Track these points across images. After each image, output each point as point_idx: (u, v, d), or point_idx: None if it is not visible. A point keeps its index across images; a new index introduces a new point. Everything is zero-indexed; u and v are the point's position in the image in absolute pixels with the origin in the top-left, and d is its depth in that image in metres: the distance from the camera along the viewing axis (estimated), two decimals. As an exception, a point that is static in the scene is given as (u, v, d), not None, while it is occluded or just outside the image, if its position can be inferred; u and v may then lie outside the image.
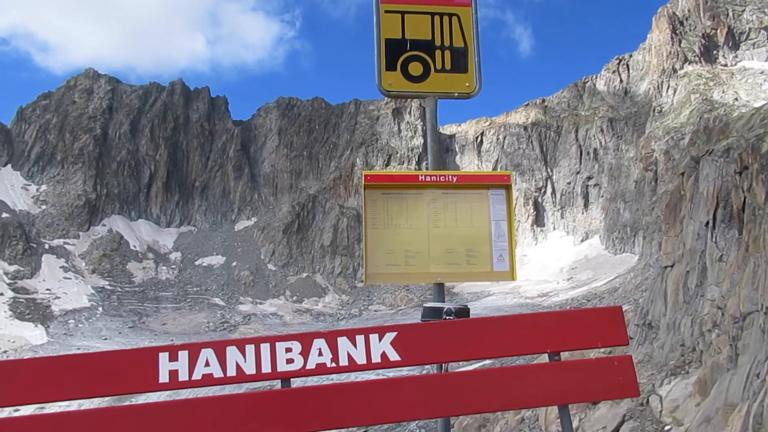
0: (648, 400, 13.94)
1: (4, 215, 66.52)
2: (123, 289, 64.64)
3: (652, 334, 17.16)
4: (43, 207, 70.00)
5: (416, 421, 20.25)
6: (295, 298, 65.48)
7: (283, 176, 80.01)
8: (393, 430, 20.59)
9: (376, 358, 2.51)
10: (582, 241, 66.75)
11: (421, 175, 3.21)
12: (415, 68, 3.42)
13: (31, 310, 57.34)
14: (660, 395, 13.72)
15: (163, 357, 2.49)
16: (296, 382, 2.56)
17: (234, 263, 70.35)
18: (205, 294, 65.56)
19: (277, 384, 2.54)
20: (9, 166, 72.58)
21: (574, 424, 13.42)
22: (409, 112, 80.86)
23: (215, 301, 64.14)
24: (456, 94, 3.45)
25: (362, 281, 71.91)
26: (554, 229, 70.63)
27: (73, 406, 20.11)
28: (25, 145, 74.42)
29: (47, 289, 61.60)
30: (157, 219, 75.16)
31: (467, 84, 3.44)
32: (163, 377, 2.45)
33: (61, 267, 65.01)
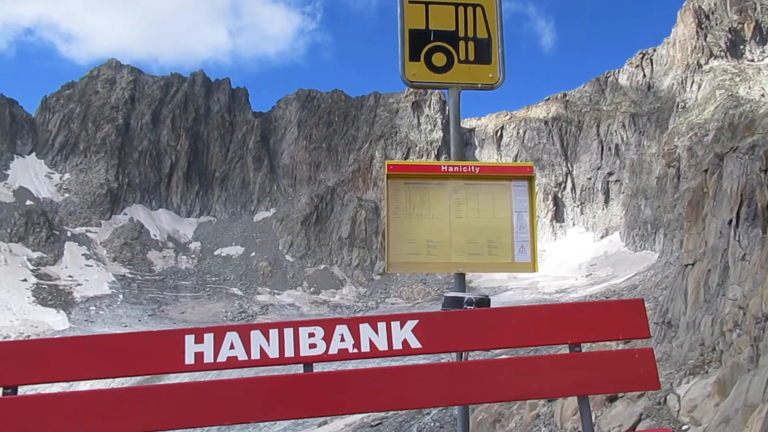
0: (666, 399, 13.84)
1: (28, 203, 67.76)
2: (143, 278, 65.55)
3: (672, 332, 17.01)
4: (66, 195, 71.14)
5: (431, 414, 20.32)
6: (312, 289, 65.89)
7: (302, 168, 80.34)
8: (408, 423, 20.70)
9: (397, 345, 2.53)
10: (602, 237, 66.16)
11: (444, 166, 3.22)
12: (439, 59, 3.42)
13: (53, 296, 58.45)
14: (678, 394, 13.60)
15: (189, 339, 2.53)
16: (318, 367, 2.58)
17: (253, 254, 70.92)
18: (224, 284, 66.24)
19: (299, 369, 2.56)
20: (33, 154, 73.83)
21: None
22: (429, 106, 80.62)
23: (233, 290, 64.78)
24: (479, 85, 3.43)
25: (380, 274, 72.36)
26: (574, 224, 70.08)
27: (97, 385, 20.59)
28: (49, 134, 75.64)
29: (69, 276, 62.70)
30: (178, 209, 76.01)
31: (491, 75, 3.43)
32: (189, 359, 2.49)
33: (83, 254, 66.09)
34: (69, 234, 67.64)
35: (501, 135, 78.38)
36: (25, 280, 60.11)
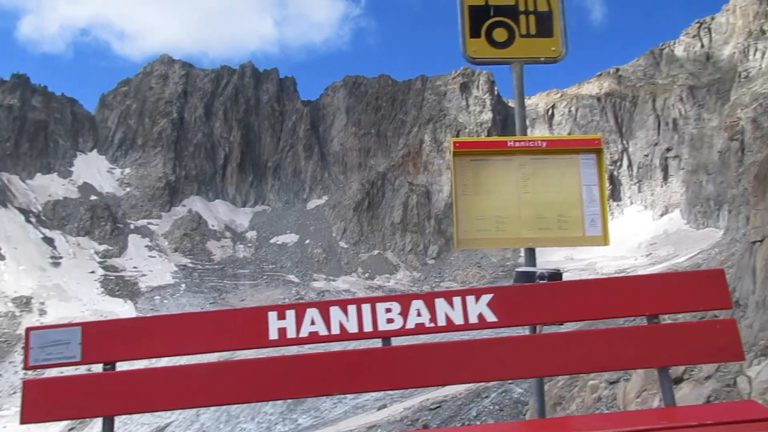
0: (735, 381, 13.38)
1: (92, 198, 70.77)
2: (203, 267, 67.61)
3: (740, 312, 16.40)
4: (128, 189, 73.93)
5: (490, 397, 20.29)
6: (366, 275, 66.50)
7: (352, 154, 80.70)
8: (467, 406, 20.73)
9: (473, 319, 2.55)
10: (661, 215, 64.04)
11: (510, 141, 3.20)
12: (500, 34, 3.39)
13: (120, 286, 61.06)
14: (749, 376, 13.13)
15: (272, 316, 2.63)
16: (395, 342, 2.62)
17: (307, 241, 71.97)
18: (281, 271, 67.60)
19: (377, 343, 2.63)
20: (95, 151, 76.95)
21: (654, 403, 13.12)
22: (477, 87, 79.43)
23: (290, 278, 66.06)
24: (542, 59, 3.39)
25: (433, 258, 72.28)
26: (631, 203, 68.05)
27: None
28: (108, 130, 78.61)
29: (134, 267, 65.28)
30: (233, 199, 77.80)
31: (553, 48, 3.38)
32: (273, 335, 2.60)
33: (146, 246, 68.60)
34: (132, 227, 70.30)
35: (552, 114, 76.57)
36: (93, 272, 62.92)
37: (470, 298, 2.59)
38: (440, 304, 2.61)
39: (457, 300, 2.60)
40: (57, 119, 74.59)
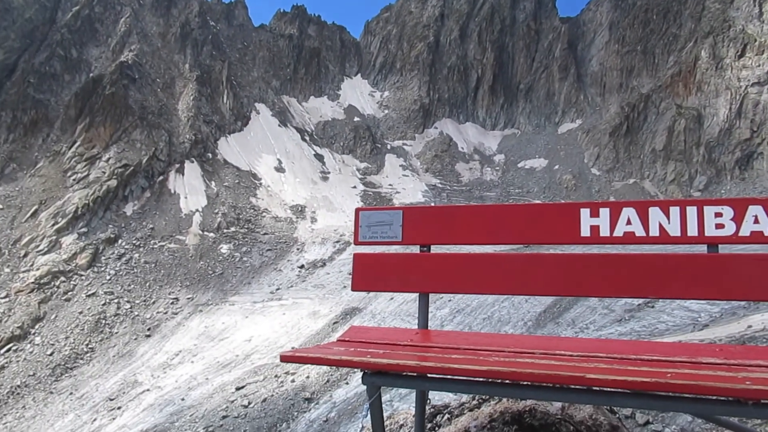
0: None
1: (356, 119, 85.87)
2: (452, 188, 76.87)
3: None
4: (386, 111, 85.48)
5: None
6: (618, 202, 70.94)
7: (612, 74, 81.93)
8: None
9: None
10: None
11: None
12: None
13: (377, 201, 73.17)
14: None
15: (585, 213, 2.80)
16: (724, 250, 2.62)
17: (556, 166, 76.17)
18: (527, 196, 72.89)
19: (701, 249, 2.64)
20: (359, 75, 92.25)
21: None
22: None
23: (537, 203, 73.92)
24: None
25: (700, 189, 73.02)
26: None
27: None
28: (371, 55, 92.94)
29: (389, 185, 75.58)
30: (483, 122, 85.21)
31: None
32: (585, 231, 2.78)
33: (400, 165, 78.46)
34: (389, 147, 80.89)
35: None
36: (354, 187, 74.25)
37: None
38: None
39: None
40: (328, 46, 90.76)
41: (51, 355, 36.10)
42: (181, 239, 51.64)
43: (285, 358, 2.55)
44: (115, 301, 42.31)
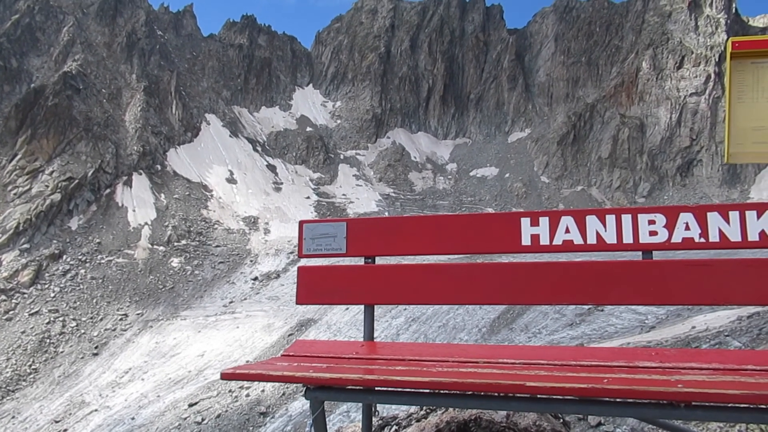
0: None
1: (308, 129, 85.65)
2: (405, 197, 77.07)
3: None
4: (338, 122, 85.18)
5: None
6: (567, 208, 72.44)
7: (558, 85, 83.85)
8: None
9: (753, 236, 2.51)
10: None
11: None
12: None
13: (331, 212, 73.10)
14: None
15: (525, 222, 2.85)
16: (657, 256, 2.67)
17: (507, 175, 77.32)
18: (479, 204, 73.80)
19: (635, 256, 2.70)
20: (311, 85, 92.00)
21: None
22: (710, 5, 77.94)
23: (488, 211, 73.75)
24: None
25: (644, 196, 75.28)
26: None
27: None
28: (322, 66, 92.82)
29: (343, 195, 75.31)
30: (435, 131, 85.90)
31: None
32: (525, 240, 2.82)
33: (353, 175, 78.37)
34: (342, 157, 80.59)
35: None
36: (308, 197, 74.18)
37: (750, 214, 2.56)
38: (713, 218, 2.60)
39: (734, 215, 2.58)
40: (279, 56, 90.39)
41: (-8, 376, 34.68)
42: (129, 253, 50.37)
43: (226, 376, 2.52)
44: (60, 319, 40.92)
